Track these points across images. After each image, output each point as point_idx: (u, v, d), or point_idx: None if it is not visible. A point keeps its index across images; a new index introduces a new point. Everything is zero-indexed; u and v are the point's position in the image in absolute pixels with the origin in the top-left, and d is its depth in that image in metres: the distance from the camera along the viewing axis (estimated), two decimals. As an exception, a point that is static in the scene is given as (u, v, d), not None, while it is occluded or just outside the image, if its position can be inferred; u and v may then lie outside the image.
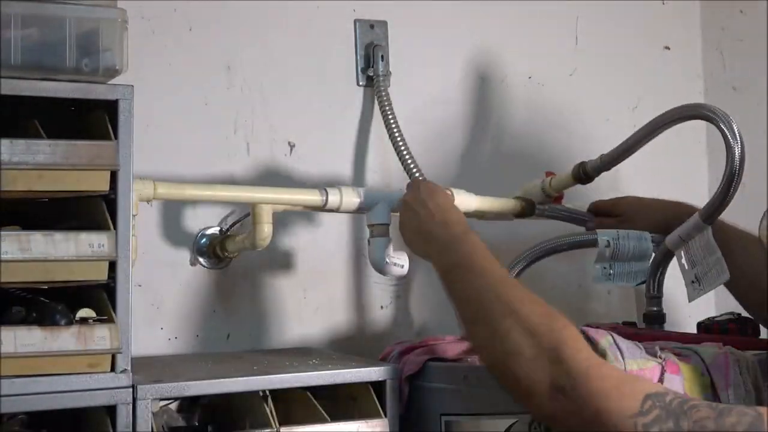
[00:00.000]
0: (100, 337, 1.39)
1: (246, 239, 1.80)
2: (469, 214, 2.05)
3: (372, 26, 2.09)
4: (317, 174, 2.00)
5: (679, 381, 1.48)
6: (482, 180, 2.18)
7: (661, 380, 1.46)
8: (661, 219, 1.88)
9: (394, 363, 1.72)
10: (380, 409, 1.60)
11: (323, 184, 1.82)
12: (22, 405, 1.37)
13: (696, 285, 1.75)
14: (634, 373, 1.44)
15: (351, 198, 1.80)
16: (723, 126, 1.67)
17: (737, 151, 1.66)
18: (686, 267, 1.77)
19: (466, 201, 1.86)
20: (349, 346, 2.02)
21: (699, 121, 1.77)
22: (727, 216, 1.73)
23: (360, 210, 1.82)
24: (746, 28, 2.34)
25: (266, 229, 1.74)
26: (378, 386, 1.61)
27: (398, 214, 1.68)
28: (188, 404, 1.73)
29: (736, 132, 1.66)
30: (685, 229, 1.75)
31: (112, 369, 1.41)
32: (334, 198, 1.79)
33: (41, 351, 1.36)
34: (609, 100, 2.33)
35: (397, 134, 1.96)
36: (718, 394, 1.49)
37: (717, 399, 1.48)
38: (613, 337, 1.51)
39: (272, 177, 1.97)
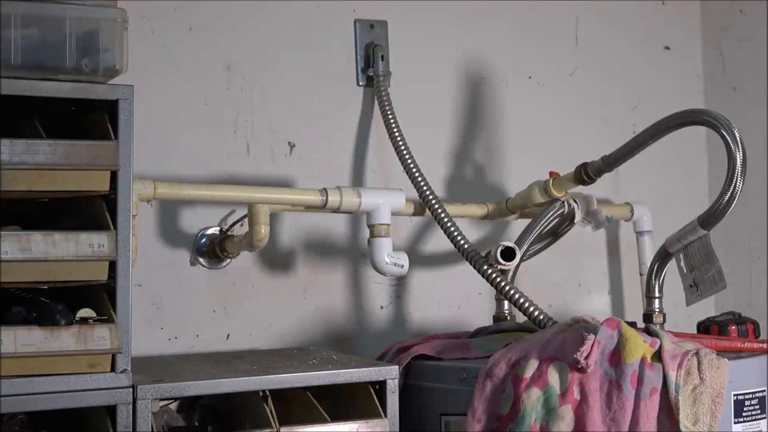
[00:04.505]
0: (100, 337, 1.39)
1: (243, 240, 1.80)
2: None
3: (372, 26, 2.09)
4: (317, 174, 2.00)
5: None
6: (482, 180, 2.18)
7: None
8: None
9: (391, 360, 1.73)
10: (380, 409, 1.60)
11: (323, 184, 1.82)
12: (22, 405, 1.37)
13: (694, 290, 1.75)
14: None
15: (351, 198, 1.80)
16: (725, 133, 1.66)
17: (739, 159, 1.65)
18: (684, 271, 1.77)
19: None
20: (349, 346, 2.02)
21: (699, 123, 1.77)
22: (727, 216, 1.73)
23: (360, 210, 1.82)
24: (746, 28, 2.34)
25: (263, 230, 1.74)
26: (378, 386, 1.61)
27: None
28: (188, 404, 1.73)
29: (738, 139, 1.65)
30: (684, 233, 1.76)
31: (112, 369, 1.41)
32: (333, 198, 1.79)
33: (41, 351, 1.36)
34: (609, 100, 2.33)
35: (397, 134, 1.96)
36: None
37: None
38: None
39: (272, 177, 1.97)
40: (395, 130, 1.96)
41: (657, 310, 1.92)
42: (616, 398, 1.49)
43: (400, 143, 1.95)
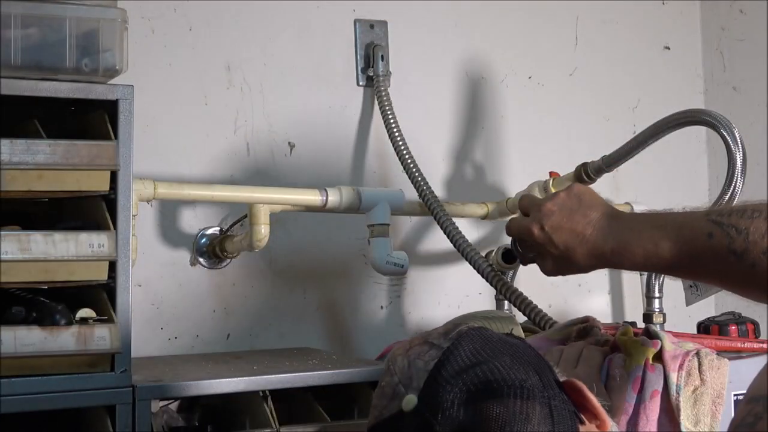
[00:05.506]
0: (100, 337, 1.39)
1: (243, 240, 1.80)
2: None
3: (372, 26, 2.09)
4: (317, 174, 2.00)
5: None
6: (482, 180, 2.18)
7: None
8: None
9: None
10: (380, 409, 1.60)
11: (323, 184, 1.82)
12: (22, 405, 1.37)
13: (694, 290, 1.76)
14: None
15: (351, 198, 1.80)
16: (725, 133, 1.66)
17: (739, 159, 1.65)
18: (684, 271, 1.77)
19: None
20: (349, 346, 2.02)
21: (699, 123, 1.77)
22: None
23: (360, 210, 1.82)
24: (746, 28, 2.34)
25: (263, 230, 1.74)
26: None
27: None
28: (188, 404, 1.72)
29: (738, 139, 1.65)
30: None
31: (112, 369, 1.40)
32: (333, 198, 1.79)
33: (41, 351, 1.36)
34: (609, 100, 2.33)
35: (397, 134, 1.96)
36: None
37: None
38: None
39: (272, 177, 1.97)
40: (395, 130, 1.96)
41: (657, 310, 1.92)
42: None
43: (400, 143, 1.95)
